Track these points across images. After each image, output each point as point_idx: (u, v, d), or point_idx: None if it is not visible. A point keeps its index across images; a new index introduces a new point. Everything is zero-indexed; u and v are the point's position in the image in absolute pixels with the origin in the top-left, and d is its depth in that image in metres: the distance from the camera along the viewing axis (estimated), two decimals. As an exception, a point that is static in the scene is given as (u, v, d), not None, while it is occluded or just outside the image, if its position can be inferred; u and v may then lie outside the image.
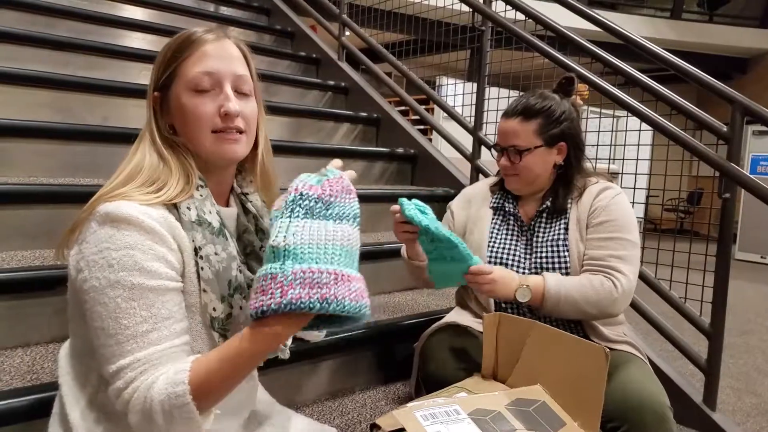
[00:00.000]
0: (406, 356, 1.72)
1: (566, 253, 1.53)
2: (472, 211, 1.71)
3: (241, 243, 1.03)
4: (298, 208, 0.81)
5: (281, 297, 0.75)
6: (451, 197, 2.81)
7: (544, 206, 1.59)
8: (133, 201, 0.86)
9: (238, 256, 0.98)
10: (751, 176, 1.87)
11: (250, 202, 1.06)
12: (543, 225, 1.59)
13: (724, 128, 1.90)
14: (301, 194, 0.82)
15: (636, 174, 2.18)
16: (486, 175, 2.74)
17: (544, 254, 1.56)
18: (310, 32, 3.92)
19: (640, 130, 2.20)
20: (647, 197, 5.05)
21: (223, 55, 0.96)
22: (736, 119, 1.88)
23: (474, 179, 2.79)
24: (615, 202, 1.53)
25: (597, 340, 1.50)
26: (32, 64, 2.42)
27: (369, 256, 2.19)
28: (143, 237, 0.84)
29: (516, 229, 1.63)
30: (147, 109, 0.99)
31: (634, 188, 2.20)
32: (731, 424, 1.90)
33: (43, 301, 1.48)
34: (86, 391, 0.92)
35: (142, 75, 2.76)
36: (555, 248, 1.54)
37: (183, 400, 0.79)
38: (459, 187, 2.81)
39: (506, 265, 1.58)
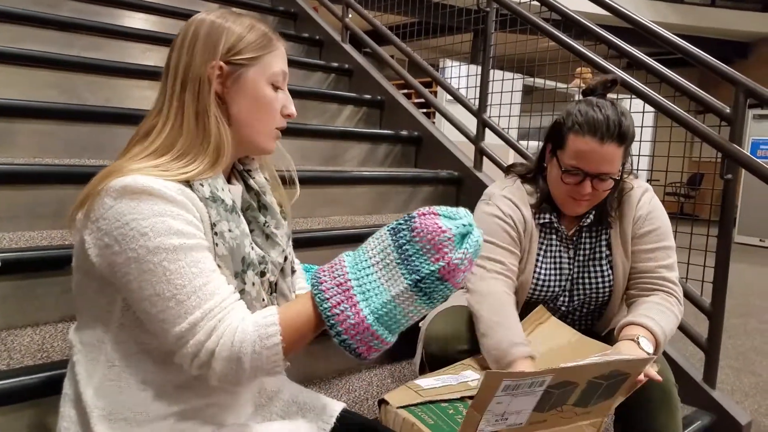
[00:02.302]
0: (412, 336, 1.73)
1: (610, 271, 1.50)
2: (527, 227, 1.51)
3: (245, 219, 1.04)
4: (396, 224, 0.85)
5: (345, 334, 0.83)
6: (455, 179, 2.84)
7: (587, 221, 1.50)
8: (149, 175, 0.86)
9: (250, 234, 0.99)
10: (753, 157, 1.88)
11: (253, 179, 1.07)
12: (585, 239, 1.53)
13: (727, 110, 1.91)
14: (409, 215, 0.84)
15: (639, 156, 2.19)
16: (490, 158, 2.74)
17: (587, 271, 1.52)
18: (313, 13, 3.89)
19: (643, 112, 2.21)
20: (648, 180, 5.06)
21: (285, 56, 1.02)
22: (739, 101, 1.89)
23: (478, 161, 2.80)
24: (654, 207, 1.49)
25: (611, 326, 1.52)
26: (36, 44, 2.41)
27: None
28: (168, 205, 0.84)
29: (560, 244, 1.54)
30: (181, 77, 0.94)
31: (637, 170, 2.20)
32: (730, 402, 1.93)
33: (52, 280, 1.49)
34: (99, 367, 0.91)
35: (145, 55, 2.75)
36: (599, 266, 1.52)
37: (275, 339, 0.82)
38: (463, 169, 2.82)
39: (553, 289, 1.53)
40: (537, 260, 1.50)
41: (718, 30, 9.88)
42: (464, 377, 1.30)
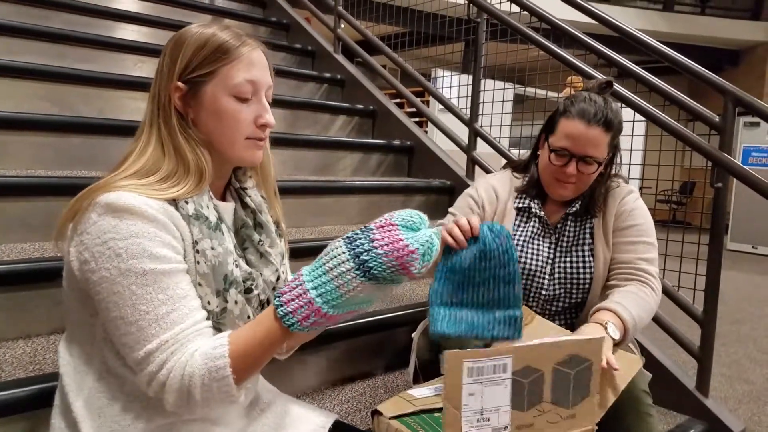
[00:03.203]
0: (405, 345, 1.74)
1: (591, 259, 1.54)
2: (499, 207, 1.63)
3: (239, 237, 1.04)
4: (352, 233, 0.83)
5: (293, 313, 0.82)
6: (448, 188, 2.85)
7: (573, 209, 1.56)
8: (134, 192, 0.86)
9: (234, 251, 0.99)
10: (742, 166, 1.90)
11: (249, 197, 1.07)
12: (569, 229, 1.58)
13: (717, 119, 1.92)
14: (366, 226, 0.84)
15: (630, 164, 2.21)
16: (481, 167, 2.76)
17: (569, 259, 1.55)
18: (305, 24, 3.91)
19: (633, 121, 2.23)
20: (640, 188, 5.09)
21: (263, 64, 0.98)
22: (728, 110, 1.90)
23: (470, 170, 2.81)
24: (638, 206, 1.55)
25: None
26: (27, 56, 2.41)
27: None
28: (147, 225, 0.85)
29: (541, 231, 1.59)
30: (156, 99, 0.95)
31: (628, 179, 2.22)
32: (724, 410, 1.94)
33: (44, 292, 1.48)
34: (89, 378, 0.92)
35: (137, 67, 2.76)
36: (581, 254, 1.55)
37: (223, 372, 0.81)
38: (456, 178, 2.83)
39: (529, 268, 1.56)
40: (514, 241, 1.52)
41: (708, 38, 9.97)
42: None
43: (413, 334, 1.66)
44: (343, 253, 0.81)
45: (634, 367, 1.26)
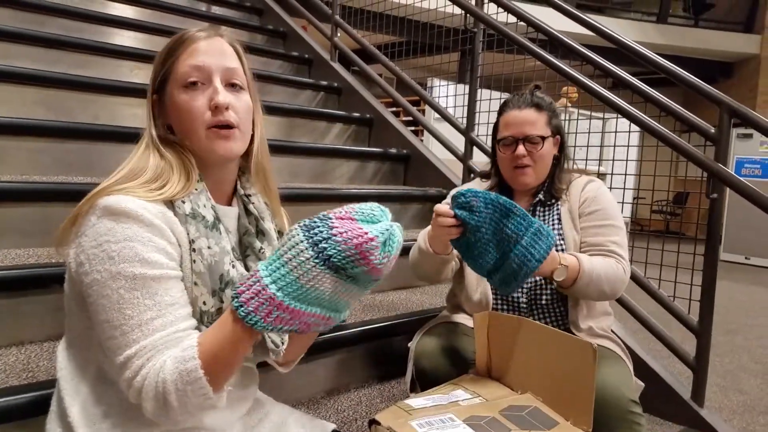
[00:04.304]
0: (401, 354, 1.73)
1: (562, 242, 1.59)
2: None
3: (241, 246, 1.04)
4: (307, 224, 0.79)
5: (255, 314, 0.77)
6: (444, 197, 2.85)
7: (537, 199, 1.65)
8: (133, 196, 0.87)
9: (232, 252, 0.99)
10: (738, 177, 1.91)
11: (252, 204, 1.07)
12: (539, 216, 1.66)
13: (712, 130, 1.94)
14: (326, 216, 0.79)
15: (625, 175, 2.22)
16: (477, 176, 2.76)
17: None
18: (302, 32, 3.93)
19: (629, 132, 2.24)
20: (635, 198, 5.12)
21: (213, 50, 0.97)
22: (723, 121, 1.91)
23: (466, 179, 2.82)
24: (601, 192, 1.63)
25: (580, 334, 1.53)
26: (23, 61, 2.41)
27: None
28: (142, 229, 0.85)
29: None
30: (147, 111, 1.00)
31: (624, 189, 2.24)
32: (719, 420, 1.94)
33: (38, 299, 1.48)
34: (85, 384, 0.92)
35: (133, 73, 2.76)
36: None
37: (195, 375, 0.79)
38: (451, 187, 2.83)
39: None
40: None
41: (701, 50, 10.05)
42: (455, 396, 1.30)
43: (410, 343, 1.66)
44: (302, 242, 0.77)
45: (587, 356, 1.19)
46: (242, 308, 0.78)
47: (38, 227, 1.69)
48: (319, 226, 0.78)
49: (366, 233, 0.76)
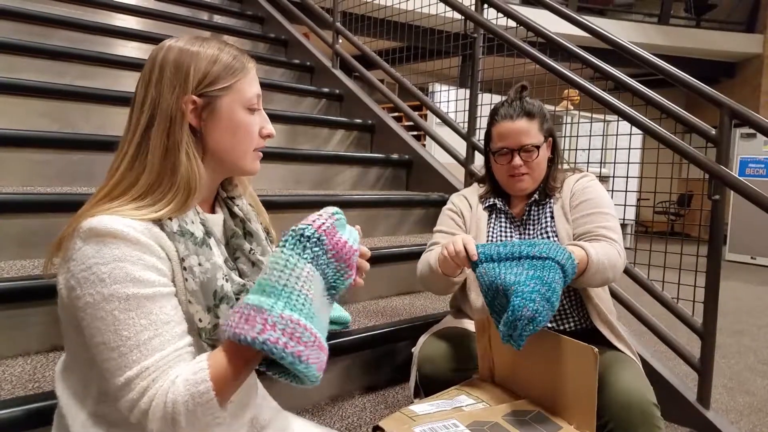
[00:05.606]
0: (405, 360, 1.74)
1: (555, 237, 1.61)
2: (473, 212, 1.76)
3: (229, 248, 1.04)
4: (309, 251, 0.85)
5: (259, 333, 0.78)
6: (446, 202, 2.85)
7: (532, 200, 1.68)
8: (116, 215, 0.86)
9: (224, 265, 0.98)
10: (739, 178, 1.90)
11: (237, 206, 1.07)
12: (532, 217, 1.68)
13: (713, 131, 1.94)
14: (320, 239, 0.87)
15: (627, 177, 2.22)
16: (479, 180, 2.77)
17: None
18: (303, 40, 3.95)
19: (630, 134, 2.24)
20: (638, 200, 5.10)
21: (257, 78, 1.03)
22: (724, 122, 1.91)
23: (468, 183, 2.82)
24: (591, 185, 1.65)
25: (610, 336, 1.55)
26: (28, 73, 2.43)
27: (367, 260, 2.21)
28: (130, 248, 0.84)
29: (509, 225, 1.70)
30: (151, 111, 0.93)
31: (626, 191, 2.24)
32: (725, 423, 1.93)
33: (43, 309, 1.49)
34: (86, 404, 0.91)
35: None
36: (545, 234, 1.63)
37: (207, 397, 0.80)
38: (453, 191, 2.83)
39: None
40: (487, 238, 1.69)
41: (703, 51, 10.03)
42: (458, 402, 1.30)
43: (413, 349, 1.66)
44: (312, 271, 0.85)
45: (589, 359, 1.19)
46: (259, 343, 0.80)
47: (42, 238, 1.70)
48: (317, 250, 0.87)
49: (351, 246, 0.90)
